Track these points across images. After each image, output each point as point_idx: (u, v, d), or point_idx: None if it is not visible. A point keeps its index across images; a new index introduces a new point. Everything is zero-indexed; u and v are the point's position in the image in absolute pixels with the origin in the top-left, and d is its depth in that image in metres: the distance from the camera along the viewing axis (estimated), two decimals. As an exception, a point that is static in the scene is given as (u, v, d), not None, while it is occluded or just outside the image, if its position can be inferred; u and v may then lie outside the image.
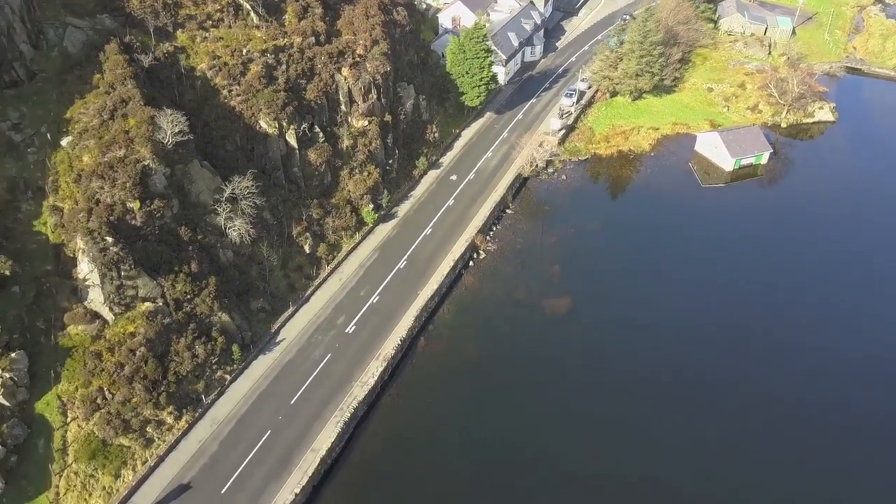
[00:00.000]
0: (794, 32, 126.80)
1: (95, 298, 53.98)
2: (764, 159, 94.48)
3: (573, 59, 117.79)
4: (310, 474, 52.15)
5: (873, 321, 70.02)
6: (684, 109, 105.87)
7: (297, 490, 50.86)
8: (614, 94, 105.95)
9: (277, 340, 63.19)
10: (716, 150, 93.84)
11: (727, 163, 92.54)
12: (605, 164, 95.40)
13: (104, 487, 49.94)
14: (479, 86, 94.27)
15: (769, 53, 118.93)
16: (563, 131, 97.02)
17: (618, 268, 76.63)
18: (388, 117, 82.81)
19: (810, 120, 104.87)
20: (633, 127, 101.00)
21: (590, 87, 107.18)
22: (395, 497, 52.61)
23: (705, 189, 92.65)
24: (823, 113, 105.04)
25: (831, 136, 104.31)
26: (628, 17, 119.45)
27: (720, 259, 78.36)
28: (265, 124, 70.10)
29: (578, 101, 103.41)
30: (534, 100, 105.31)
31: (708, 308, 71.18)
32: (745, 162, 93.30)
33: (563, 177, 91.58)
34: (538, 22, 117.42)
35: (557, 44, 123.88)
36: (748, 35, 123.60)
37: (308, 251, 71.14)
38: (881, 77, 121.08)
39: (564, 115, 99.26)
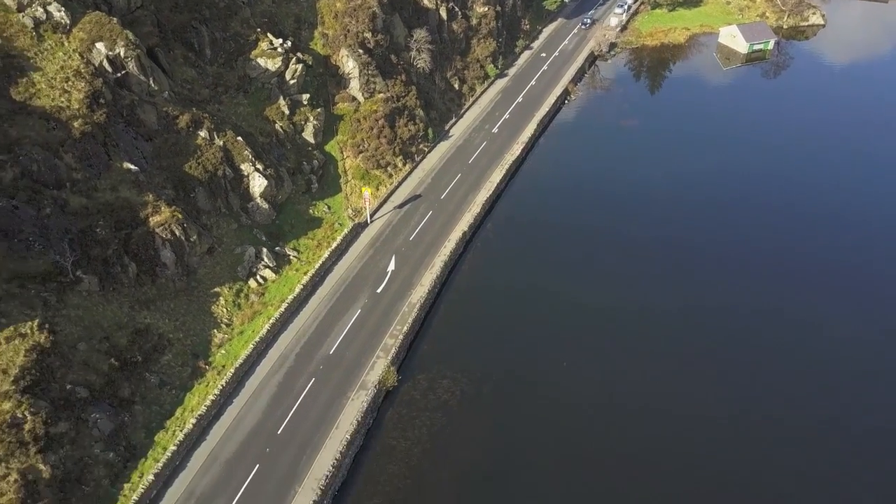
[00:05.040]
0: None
1: (354, 87, 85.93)
2: (770, 45, 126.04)
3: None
4: (490, 191, 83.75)
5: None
6: (708, 17, 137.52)
7: (486, 197, 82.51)
8: (655, 6, 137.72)
9: (449, 135, 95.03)
10: (734, 39, 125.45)
11: (743, 47, 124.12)
12: (651, 51, 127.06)
13: (371, 193, 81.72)
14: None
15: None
16: (619, 28, 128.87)
17: (667, 107, 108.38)
18: (498, 8, 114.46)
19: (806, 23, 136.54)
20: (671, 28, 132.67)
21: (635, 1, 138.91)
22: (538, 207, 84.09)
23: (726, 69, 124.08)
24: (816, 18, 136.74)
25: (821, 34, 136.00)
26: (588, 21, 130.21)
27: (735, 107, 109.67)
28: (427, 1, 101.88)
29: (627, 10, 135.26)
30: (592, 11, 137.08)
31: (726, 127, 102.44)
32: (756, 47, 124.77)
33: (622, 57, 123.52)
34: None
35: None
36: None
37: (456, 88, 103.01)
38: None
39: (619, 18, 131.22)
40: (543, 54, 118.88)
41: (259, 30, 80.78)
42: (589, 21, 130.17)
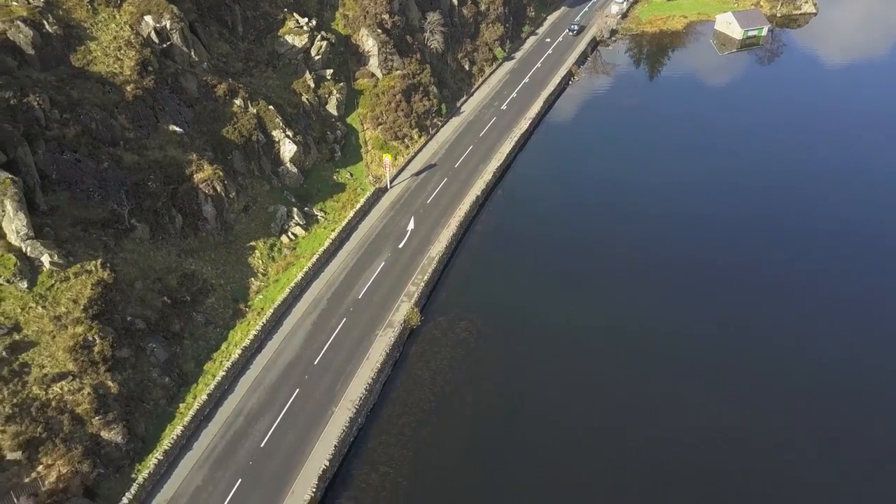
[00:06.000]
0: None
1: (373, 63, 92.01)
2: (764, 32, 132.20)
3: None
4: (500, 161, 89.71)
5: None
6: (705, 6, 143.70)
7: (497, 165, 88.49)
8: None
9: (461, 111, 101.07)
10: (730, 26, 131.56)
11: (738, 33, 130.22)
12: (650, 37, 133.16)
13: (391, 160, 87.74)
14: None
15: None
16: (619, 16, 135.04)
17: (665, 89, 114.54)
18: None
19: (798, 12, 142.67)
20: (669, 16, 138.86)
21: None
22: (546, 176, 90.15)
23: (722, 55, 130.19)
24: (808, 6, 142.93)
25: (813, 23, 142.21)
26: (576, 28, 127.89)
27: (730, 91, 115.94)
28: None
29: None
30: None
31: (721, 110, 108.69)
32: (751, 33, 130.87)
33: (622, 43, 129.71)
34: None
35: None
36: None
37: (466, 69, 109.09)
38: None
39: (619, 6, 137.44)
40: (548, 39, 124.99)
41: (286, 10, 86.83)
42: (576, 28, 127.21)
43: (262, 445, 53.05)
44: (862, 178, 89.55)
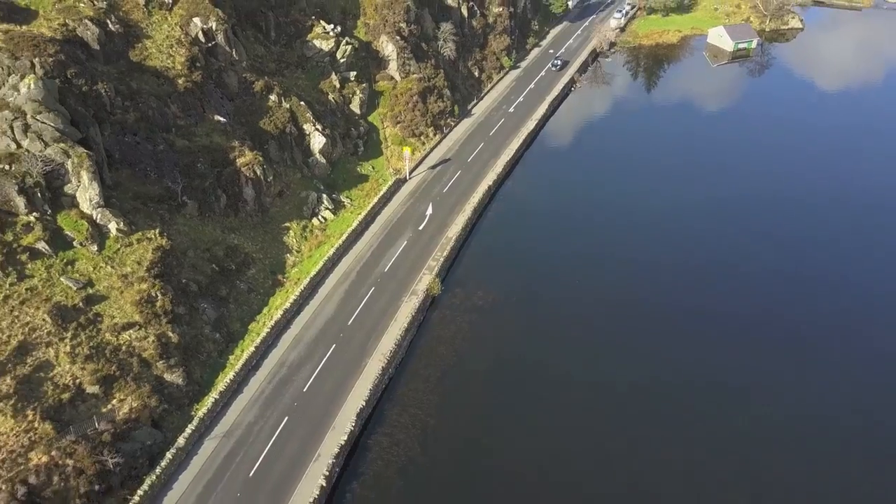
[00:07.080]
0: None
1: (392, 68, 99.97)
2: (754, 44, 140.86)
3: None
4: (510, 156, 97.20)
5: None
6: (699, 21, 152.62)
7: (507, 160, 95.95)
8: (651, 11, 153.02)
9: (471, 113, 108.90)
10: (721, 38, 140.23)
11: (729, 45, 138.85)
12: (647, 49, 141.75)
13: (410, 152, 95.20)
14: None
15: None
16: (618, 30, 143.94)
17: (660, 98, 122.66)
18: (511, 9, 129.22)
19: (786, 27, 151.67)
20: (664, 30, 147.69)
21: (633, 8, 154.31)
22: (551, 169, 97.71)
23: (714, 66, 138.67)
24: (795, 22, 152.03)
25: (800, 36, 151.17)
26: (559, 63, 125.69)
27: (719, 91, 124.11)
28: (451, 1, 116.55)
29: (625, 15, 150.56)
30: (594, 16, 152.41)
31: (714, 115, 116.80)
32: (741, 46, 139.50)
33: (621, 55, 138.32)
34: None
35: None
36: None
37: (476, 75, 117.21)
38: (837, 7, 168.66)
39: (618, 21, 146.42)
40: (551, 51, 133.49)
41: (313, 17, 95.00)
42: (560, 63, 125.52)
43: (304, 390, 59.62)
44: (853, 198, 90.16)
